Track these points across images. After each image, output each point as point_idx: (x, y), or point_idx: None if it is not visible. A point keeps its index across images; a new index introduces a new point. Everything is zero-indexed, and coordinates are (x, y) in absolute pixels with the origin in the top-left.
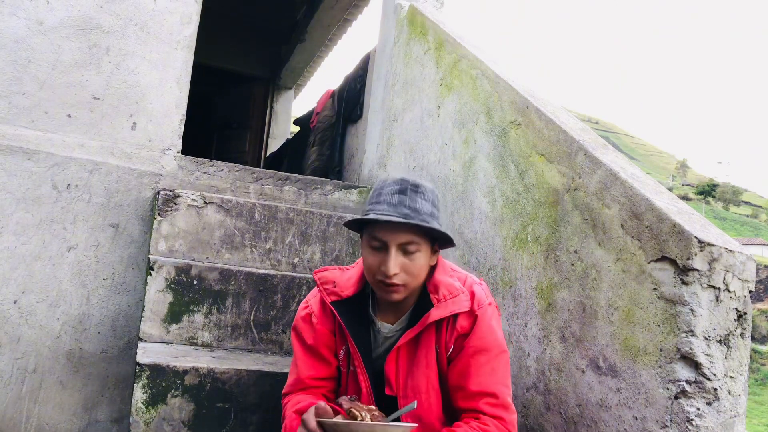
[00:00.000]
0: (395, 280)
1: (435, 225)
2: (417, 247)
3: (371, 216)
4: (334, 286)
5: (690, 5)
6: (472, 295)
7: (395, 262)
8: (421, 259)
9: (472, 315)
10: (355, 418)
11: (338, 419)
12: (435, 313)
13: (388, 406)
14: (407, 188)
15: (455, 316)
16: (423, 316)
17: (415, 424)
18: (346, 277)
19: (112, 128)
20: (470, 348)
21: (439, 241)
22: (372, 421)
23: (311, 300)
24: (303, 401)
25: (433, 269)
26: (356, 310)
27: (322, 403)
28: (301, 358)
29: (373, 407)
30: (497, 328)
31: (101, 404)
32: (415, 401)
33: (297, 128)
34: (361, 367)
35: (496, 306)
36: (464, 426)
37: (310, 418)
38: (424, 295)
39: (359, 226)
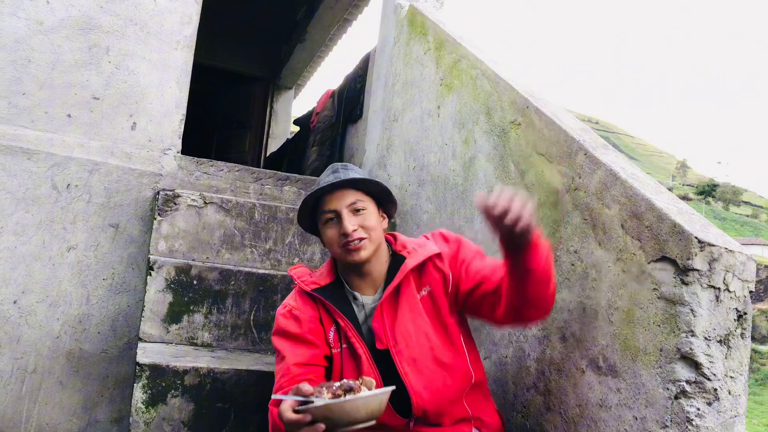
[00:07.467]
0: (356, 235)
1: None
2: (363, 204)
3: (314, 190)
4: (311, 277)
5: (690, 5)
6: (442, 235)
7: (350, 222)
8: (372, 216)
9: (455, 242)
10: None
11: (317, 402)
12: (410, 262)
13: (385, 371)
14: (338, 168)
15: (438, 256)
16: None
17: (393, 387)
18: (318, 273)
19: (112, 128)
20: (466, 257)
21: (383, 203)
22: (331, 395)
23: (288, 300)
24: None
25: (395, 238)
26: (336, 293)
27: (304, 384)
28: (288, 348)
29: (332, 383)
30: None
31: (101, 404)
32: (393, 387)
33: (297, 128)
34: (356, 336)
35: None
36: None
37: (286, 408)
38: (395, 261)
39: (312, 225)
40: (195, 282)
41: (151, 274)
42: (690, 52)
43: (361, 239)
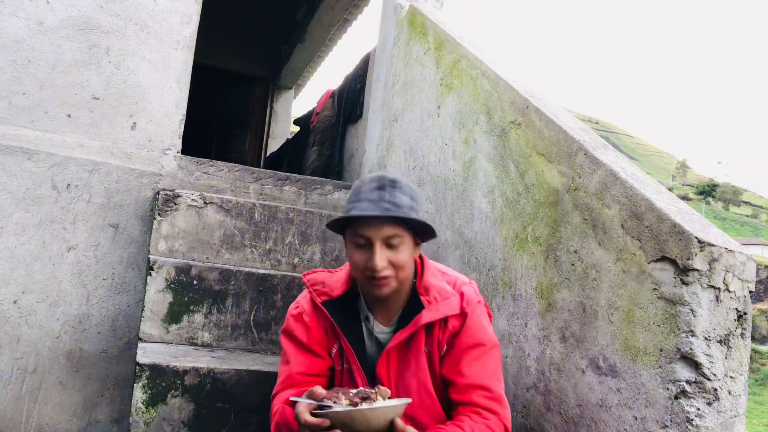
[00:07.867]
0: (383, 273)
1: (415, 216)
2: (400, 240)
3: (353, 213)
4: (324, 287)
5: (690, 5)
6: (462, 295)
7: (381, 257)
8: (406, 251)
9: (463, 314)
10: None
11: (337, 408)
12: (426, 316)
13: None
14: (385, 184)
15: (446, 321)
16: (414, 318)
17: (410, 399)
18: (335, 279)
19: (112, 128)
20: (461, 344)
21: (420, 233)
22: (349, 402)
23: (301, 301)
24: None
25: (422, 270)
26: (347, 309)
27: (317, 387)
28: (294, 355)
29: (348, 390)
30: (487, 324)
31: (101, 404)
32: (410, 399)
33: (297, 128)
34: (356, 363)
35: (486, 304)
36: (468, 420)
37: (303, 410)
38: (415, 296)
39: (341, 226)
40: (195, 282)
41: (151, 274)
42: (690, 52)
43: (387, 277)
